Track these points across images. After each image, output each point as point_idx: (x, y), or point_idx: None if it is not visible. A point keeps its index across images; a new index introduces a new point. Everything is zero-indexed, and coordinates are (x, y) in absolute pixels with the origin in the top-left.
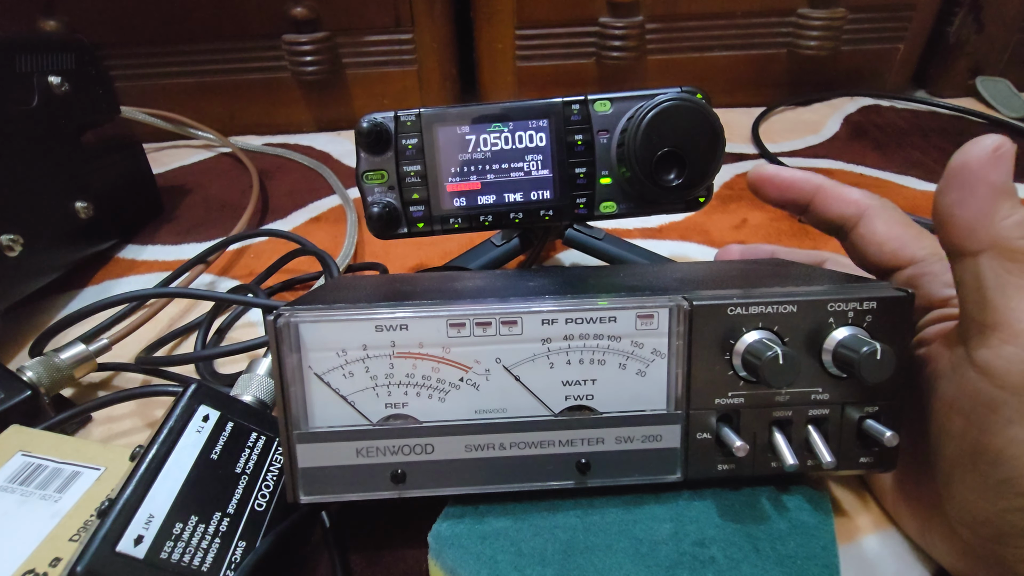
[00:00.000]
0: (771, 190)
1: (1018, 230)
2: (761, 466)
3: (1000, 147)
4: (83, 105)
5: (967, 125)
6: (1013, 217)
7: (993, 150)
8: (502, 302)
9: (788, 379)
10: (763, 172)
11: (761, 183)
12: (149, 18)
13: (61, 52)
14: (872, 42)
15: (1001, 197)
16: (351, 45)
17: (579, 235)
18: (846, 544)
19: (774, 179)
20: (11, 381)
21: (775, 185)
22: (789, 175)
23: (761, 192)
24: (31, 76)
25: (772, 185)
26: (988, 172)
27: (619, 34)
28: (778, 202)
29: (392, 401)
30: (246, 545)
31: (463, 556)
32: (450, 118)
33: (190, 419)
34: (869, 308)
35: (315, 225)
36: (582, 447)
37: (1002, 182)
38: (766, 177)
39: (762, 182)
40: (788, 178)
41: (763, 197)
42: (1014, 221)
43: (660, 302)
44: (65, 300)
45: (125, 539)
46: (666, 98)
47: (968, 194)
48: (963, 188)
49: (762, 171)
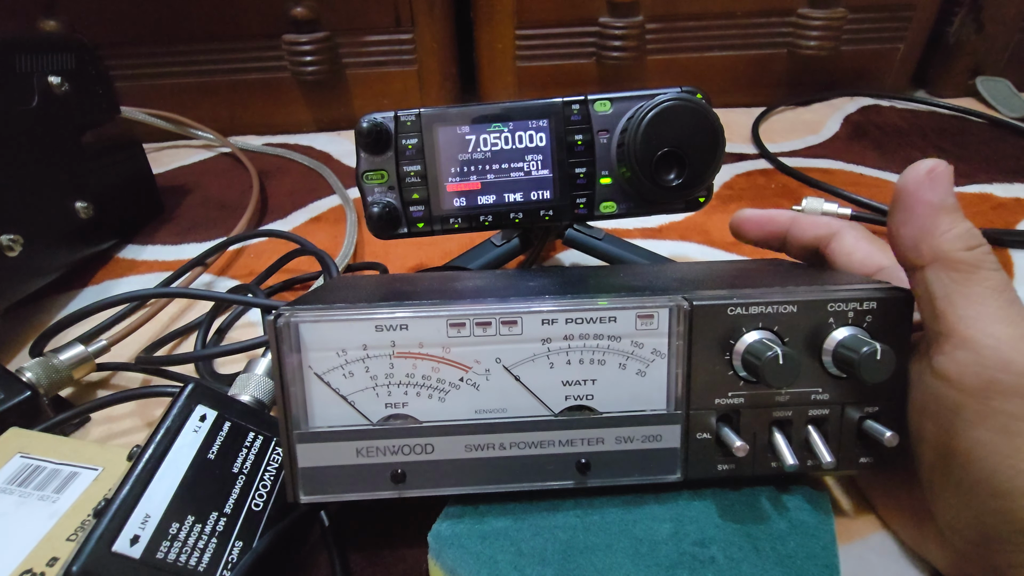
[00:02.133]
0: (751, 228)
1: (958, 242)
2: (761, 466)
3: (934, 169)
4: (83, 105)
5: (967, 125)
6: (952, 231)
7: (927, 172)
8: (502, 302)
9: (788, 379)
10: (742, 214)
11: (741, 224)
12: (149, 18)
13: (61, 52)
14: (872, 42)
15: (939, 214)
16: (351, 45)
17: (579, 235)
18: (846, 544)
19: (752, 218)
20: (10, 382)
21: (754, 223)
22: (766, 212)
23: (743, 232)
24: (31, 76)
25: (752, 223)
26: (924, 192)
27: (619, 34)
28: (759, 238)
29: (392, 401)
30: (243, 545)
31: (463, 556)
32: (450, 118)
33: (187, 419)
34: (869, 308)
35: (315, 225)
36: (582, 447)
37: (939, 200)
38: (745, 217)
39: (742, 223)
40: (766, 214)
41: (744, 237)
42: (954, 234)
43: (660, 302)
44: (65, 300)
45: (121, 539)
46: (666, 98)
47: (909, 214)
48: (904, 209)
49: (740, 214)
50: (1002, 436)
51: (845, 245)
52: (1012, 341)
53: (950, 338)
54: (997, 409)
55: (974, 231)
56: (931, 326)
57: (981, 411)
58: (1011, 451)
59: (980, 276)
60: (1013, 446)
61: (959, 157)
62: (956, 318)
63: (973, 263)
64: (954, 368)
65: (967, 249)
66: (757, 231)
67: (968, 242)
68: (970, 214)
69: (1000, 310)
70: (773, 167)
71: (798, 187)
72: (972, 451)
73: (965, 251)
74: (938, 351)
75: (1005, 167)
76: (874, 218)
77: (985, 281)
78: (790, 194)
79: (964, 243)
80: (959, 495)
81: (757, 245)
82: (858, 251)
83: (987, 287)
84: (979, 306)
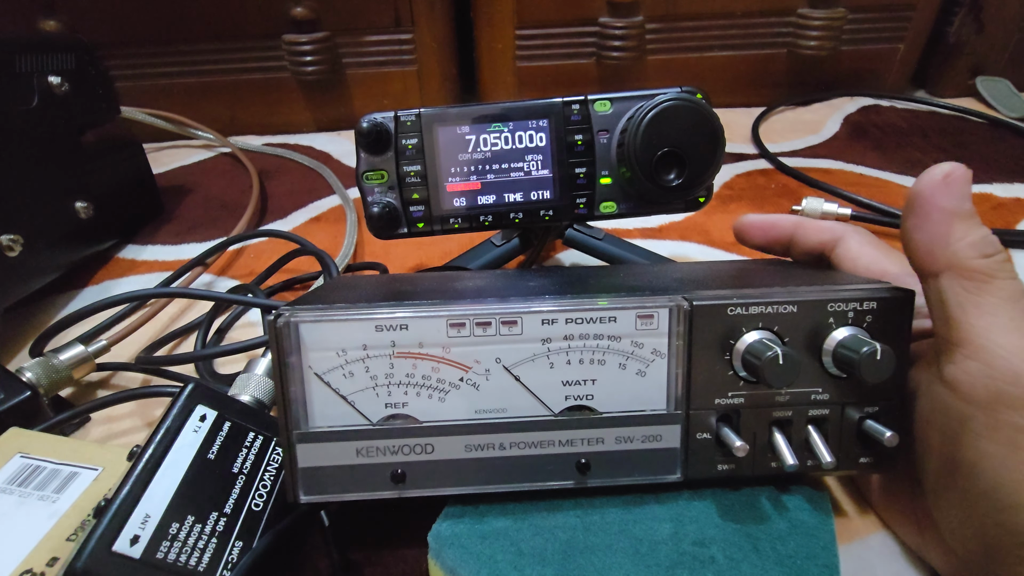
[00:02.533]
0: (756, 233)
1: (973, 250)
2: (761, 466)
3: (950, 174)
4: (83, 105)
5: (967, 125)
6: (967, 238)
7: (943, 177)
8: (502, 302)
9: (788, 379)
10: (746, 219)
11: (745, 229)
12: (149, 18)
13: (61, 52)
14: (872, 42)
15: (954, 220)
16: (351, 45)
17: (579, 235)
18: (846, 544)
19: (756, 223)
20: (10, 382)
21: (758, 228)
22: (770, 217)
23: (747, 238)
24: (31, 76)
25: (756, 228)
26: (939, 198)
27: (619, 34)
28: (764, 244)
29: (392, 401)
30: (243, 545)
31: (463, 556)
32: (450, 118)
33: (187, 419)
34: (869, 308)
35: (315, 225)
36: (582, 447)
37: (954, 206)
38: (749, 223)
39: (746, 228)
40: (770, 219)
41: (749, 242)
42: (968, 242)
43: (660, 302)
44: (65, 300)
45: (121, 539)
46: (666, 98)
47: (923, 219)
48: (918, 214)
49: (744, 219)
50: (1009, 449)
51: (850, 250)
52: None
53: (961, 347)
54: (1005, 422)
55: (990, 238)
56: (942, 334)
57: (989, 423)
58: (1017, 464)
59: (994, 285)
60: (1020, 459)
61: (959, 157)
62: (968, 327)
63: (988, 272)
64: (964, 378)
65: (982, 257)
66: (761, 236)
67: (983, 250)
68: None
69: (1013, 321)
70: (773, 167)
71: (798, 187)
72: (978, 463)
73: (980, 259)
74: (948, 360)
75: (1005, 167)
76: (874, 218)
77: (1000, 291)
78: (790, 194)
79: (979, 251)
80: (963, 506)
81: (761, 250)
82: (863, 256)
83: (1001, 297)
84: (992, 316)
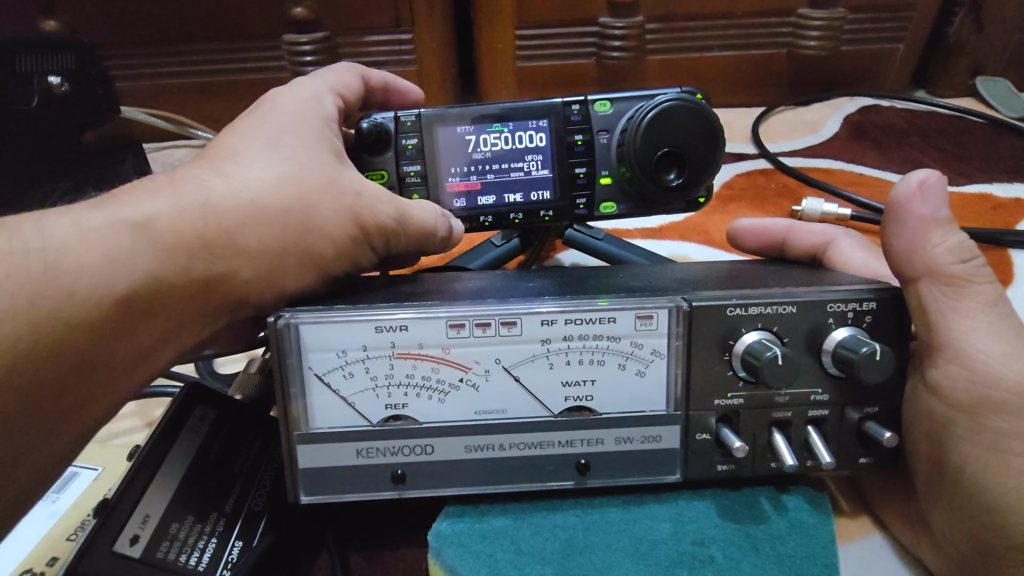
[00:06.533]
0: (748, 237)
1: (950, 256)
2: (761, 466)
3: (926, 181)
4: (83, 105)
5: (967, 125)
6: (944, 244)
7: (919, 184)
8: (502, 303)
9: (787, 380)
10: (738, 224)
11: (738, 234)
12: (149, 18)
13: (61, 52)
14: (872, 42)
15: (931, 226)
16: (351, 45)
17: (579, 235)
18: (846, 544)
19: (748, 227)
20: None
21: (751, 232)
22: (761, 221)
23: (739, 242)
24: (31, 76)
25: (748, 233)
26: (915, 205)
27: (619, 34)
28: (756, 248)
29: (392, 402)
30: (243, 545)
31: (463, 555)
32: (450, 118)
33: (187, 419)
34: (868, 309)
35: None
36: (582, 448)
37: (930, 212)
38: (741, 227)
39: (739, 232)
40: (761, 223)
41: (741, 246)
42: (945, 247)
43: (659, 303)
44: None
45: (121, 539)
46: (666, 98)
47: (901, 226)
48: (896, 221)
49: (736, 224)
50: (992, 453)
51: (841, 253)
52: (1003, 357)
53: (942, 352)
54: (987, 425)
55: (967, 243)
56: (924, 339)
57: (972, 427)
58: (1001, 468)
59: (972, 290)
60: (1003, 463)
61: (959, 157)
62: (948, 332)
63: (965, 277)
64: (946, 382)
65: (959, 263)
66: (753, 240)
67: (960, 255)
68: (970, 214)
69: (992, 325)
70: (773, 167)
71: (798, 187)
72: (963, 466)
73: (957, 264)
74: (931, 365)
75: (1005, 167)
76: (874, 218)
77: (978, 295)
78: (790, 194)
79: (956, 256)
80: (952, 508)
81: (754, 254)
82: (855, 259)
83: (979, 301)
84: (971, 321)
